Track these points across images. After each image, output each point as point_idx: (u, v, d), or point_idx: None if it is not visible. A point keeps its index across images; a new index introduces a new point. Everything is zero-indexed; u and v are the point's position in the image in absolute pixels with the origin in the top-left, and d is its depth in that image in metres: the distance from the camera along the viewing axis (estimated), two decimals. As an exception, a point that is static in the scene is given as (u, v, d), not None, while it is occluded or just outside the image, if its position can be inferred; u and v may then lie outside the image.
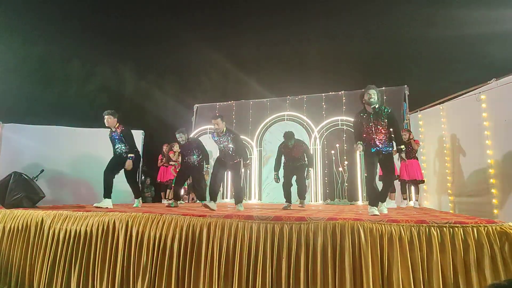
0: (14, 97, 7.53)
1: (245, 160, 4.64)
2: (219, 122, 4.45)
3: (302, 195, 5.07)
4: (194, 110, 8.93)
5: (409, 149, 5.66)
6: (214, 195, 4.35)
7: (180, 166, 6.17)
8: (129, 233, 3.11)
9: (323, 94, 8.06)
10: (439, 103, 6.16)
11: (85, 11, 9.50)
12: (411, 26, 7.95)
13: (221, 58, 9.56)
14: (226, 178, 8.47)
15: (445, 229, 2.41)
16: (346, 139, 7.65)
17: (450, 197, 5.85)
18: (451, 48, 7.51)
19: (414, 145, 5.81)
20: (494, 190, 4.71)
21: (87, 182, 4.53)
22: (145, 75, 10.05)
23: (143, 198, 8.80)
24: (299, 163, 5.19)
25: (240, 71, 9.44)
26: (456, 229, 2.40)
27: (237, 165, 4.57)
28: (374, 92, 3.63)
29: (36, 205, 4.22)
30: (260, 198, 8.03)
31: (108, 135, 4.86)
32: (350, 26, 9.01)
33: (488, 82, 4.91)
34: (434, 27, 7.74)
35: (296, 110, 8.15)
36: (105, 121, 4.72)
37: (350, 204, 7.16)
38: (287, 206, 4.88)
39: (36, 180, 4.67)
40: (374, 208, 3.48)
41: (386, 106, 3.70)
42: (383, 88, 7.24)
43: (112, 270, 3.07)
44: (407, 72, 7.84)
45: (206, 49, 9.74)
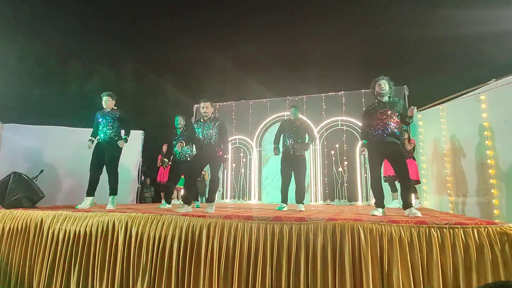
0: (14, 97, 7.52)
1: (225, 154, 4.25)
2: (209, 106, 4.13)
3: (301, 199, 4.56)
4: (194, 111, 8.93)
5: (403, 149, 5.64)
6: (193, 197, 4.11)
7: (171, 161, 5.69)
8: (128, 233, 3.11)
9: (323, 94, 8.06)
10: (439, 104, 6.16)
11: (85, 11, 9.50)
12: (411, 26, 7.95)
13: (220, 58, 9.56)
14: (226, 176, 8.47)
15: (445, 230, 2.41)
16: (346, 140, 7.65)
17: (450, 197, 5.85)
18: (451, 48, 7.50)
19: (407, 145, 5.82)
20: (494, 191, 4.70)
21: (87, 182, 4.52)
22: (145, 75, 10.04)
23: (143, 198, 8.81)
24: (299, 147, 4.68)
25: (240, 71, 9.44)
26: (456, 230, 2.39)
27: (219, 158, 4.16)
28: (384, 82, 3.61)
29: (35, 205, 4.22)
30: (260, 199, 8.03)
31: (99, 115, 4.56)
32: (350, 26, 9.01)
33: (488, 82, 4.90)
34: (434, 27, 7.74)
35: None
36: (103, 102, 4.60)
37: (350, 204, 7.16)
38: (284, 207, 4.54)
39: (35, 180, 4.67)
40: (376, 209, 3.39)
41: (399, 99, 3.71)
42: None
43: (111, 270, 3.07)
44: (407, 72, 7.83)
45: (206, 49, 9.75)
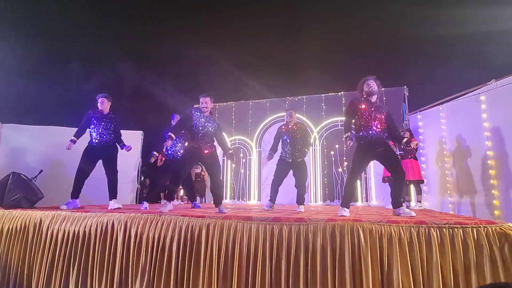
0: (14, 97, 7.53)
1: (227, 150, 4.19)
2: (208, 101, 4.04)
3: (302, 201, 4.52)
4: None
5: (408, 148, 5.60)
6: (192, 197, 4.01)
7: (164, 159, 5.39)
8: (127, 233, 3.10)
9: (323, 95, 8.06)
10: (439, 104, 6.16)
11: (85, 12, 9.50)
12: (411, 27, 7.96)
13: (220, 59, 9.56)
14: (226, 177, 8.45)
15: (444, 230, 2.40)
16: (345, 143, 7.63)
17: (450, 198, 5.84)
18: (451, 48, 7.51)
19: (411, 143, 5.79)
20: (494, 191, 4.70)
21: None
22: (144, 76, 10.05)
23: (143, 198, 8.79)
24: (300, 153, 4.62)
25: (239, 72, 9.45)
26: (455, 230, 2.39)
27: (216, 154, 4.08)
28: (373, 82, 3.49)
29: (34, 205, 4.21)
30: (259, 199, 8.02)
31: (93, 115, 4.46)
32: (350, 27, 9.02)
33: (487, 83, 4.90)
34: (433, 28, 7.74)
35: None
36: (99, 103, 4.52)
37: (350, 205, 7.15)
38: (271, 206, 4.55)
39: (34, 180, 4.66)
40: (344, 209, 3.34)
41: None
42: (383, 89, 7.24)
43: (110, 271, 3.06)
44: (407, 72, 7.84)
45: (205, 49, 9.75)
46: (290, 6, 9.64)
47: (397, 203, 3.33)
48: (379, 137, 3.40)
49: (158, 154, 5.05)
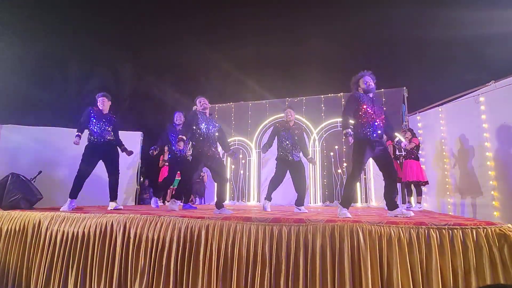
0: (13, 97, 7.52)
1: (228, 150, 4.19)
2: (207, 103, 4.06)
3: (302, 202, 4.48)
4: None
5: (398, 147, 5.53)
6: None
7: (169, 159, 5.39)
8: (127, 234, 3.09)
9: (322, 96, 8.06)
10: (438, 105, 6.16)
11: (84, 12, 9.51)
12: (410, 28, 7.98)
13: (220, 60, 9.57)
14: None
15: (444, 231, 2.40)
16: (345, 141, 7.64)
17: (449, 199, 5.84)
18: (450, 50, 7.53)
19: (407, 143, 5.76)
20: (494, 192, 4.69)
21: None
22: (144, 77, 10.05)
23: (142, 199, 8.79)
24: (298, 154, 4.58)
25: (239, 73, 9.45)
26: (455, 231, 2.39)
27: (220, 156, 4.10)
28: (369, 78, 3.36)
29: (33, 206, 4.20)
30: (259, 200, 8.01)
31: (92, 112, 4.41)
32: (350, 28, 9.04)
33: (487, 84, 4.90)
34: (433, 29, 7.76)
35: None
36: (98, 103, 4.48)
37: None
38: (267, 206, 4.45)
39: (33, 181, 4.66)
40: (344, 209, 3.19)
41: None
42: (382, 90, 7.25)
43: (109, 272, 3.06)
44: (406, 73, 7.86)
45: (205, 50, 9.76)
46: (290, 7, 9.66)
47: (392, 206, 3.28)
48: (380, 136, 3.33)
49: (157, 148, 5.12)
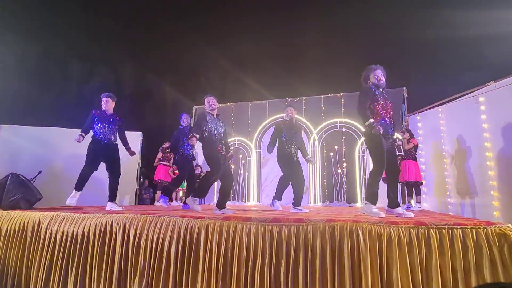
0: (12, 98, 7.51)
1: (227, 152, 4.14)
2: (216, 103, 3.93)
3: (299, 203, 4.42)
4: (193, 112, 8.92)
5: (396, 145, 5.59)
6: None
7: (177, 161, 5.38)
8: (126, 235, 3.09)
9: (322, 96, 8.07)
10: (438, 105, 6.17)
11: (84, 13, 9.51)
12: (410, 28, 7.97)
13: (220, 60, 9.56)
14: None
15: (444, 230, 2.40)
16: (345, 141, 7.65)
17: (449, 199, 5.84)
18: (450, 50, 7.52)
19: (405, 144, 5.80)
20: (494, 192, 4.69)
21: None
22: (144, 77, 10.04)
23: (142, 199, 8.80)
24: (298, 152, 4.55)
25: (239, 73, 9.45)
26: (455, 230, 2.38)
27: (229, 163, 4.12)
28: (381, 73, 3.25)
29: (33, 206, 4.20)
30: (258, 200, 8.01)
31: (96, 115, 4.38)
32: (349, 28, 9.03)
33: (486, 84, 4.91)
34: (432, 29, 7.75)
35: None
36: (102, 103, 4.45)
37: (349, 206, 7.15)
38: (278, 205, 4.40)
39: (33, 181, 4.65)
40: (374, 208, 3.19)
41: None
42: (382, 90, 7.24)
43: (109, 272, 3.05)
44: (406, 74, 7.85)
45: (205, 50, 9.75)
46: (289, 7, 9.66)
47: (396, 203, 3.26)
48: (391, 131, 3.29)
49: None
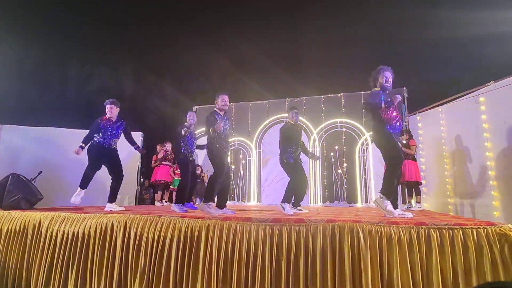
0: (13, 98, 7.52)
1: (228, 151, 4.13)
2: (228, 99, 3.83)
3: (299, 202, 4.40)
4: (194, 112, 8.91)
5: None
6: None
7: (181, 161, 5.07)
8: (127, 235, 3.09)
9: (322, 96, 8.07)
10: (438, 105, 6.16)
11: (84, 13, 9.51)
12: (410, 28, 7.97)
13: (220, 60, 9.57)
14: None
15: (444, 231, 2.40)
16: (345, 141, 7.65)
17: (449, 199, 5.84)
18: (450, 50, 7.52)
19: (407, 148, 5.79)
20: (494, 192, 4.69)
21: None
22: (144, 77, 10.05)
23: (142, 200, 8.79)
24: (300, 154, 4.48)
25: (239, 73, 9.45)
26: (455, 231, 2.38)
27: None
28: (390, 75, 3.19)
29: (33, 206, 4.21)
30: (259, 200, 8.01)
31: (101, 123, 4.38)
32: (349, 28, 9.03)
33: (487, 84, 4.91)
34: (432, 29, 7.76)
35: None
36: (107, 110, 4.43)
37: (349, 206, 7.15)
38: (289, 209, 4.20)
39: (34, 181, 4.65)
40: (391, 205, 3.07)
41: None
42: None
43: (109, 272, 3.05)
44: (406, 74, 7.85)
45: (205, 51, 9.76)
46: (289, 7, 9.66)
47: (386, 193, 3.12)
48: (399, 132, 3.36)
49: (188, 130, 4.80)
